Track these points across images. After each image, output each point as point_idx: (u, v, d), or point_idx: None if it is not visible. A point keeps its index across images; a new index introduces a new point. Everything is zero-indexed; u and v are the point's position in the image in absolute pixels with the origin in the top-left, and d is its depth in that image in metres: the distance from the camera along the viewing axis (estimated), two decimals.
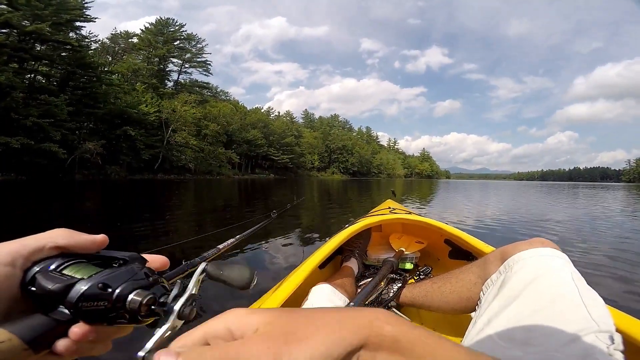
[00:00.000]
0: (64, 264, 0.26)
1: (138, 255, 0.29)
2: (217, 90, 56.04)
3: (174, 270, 0.80)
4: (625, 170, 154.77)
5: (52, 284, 0.23)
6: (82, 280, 0.24)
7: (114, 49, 39.53)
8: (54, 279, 0.24)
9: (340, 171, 77.78)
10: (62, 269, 0.25)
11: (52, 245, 0.26)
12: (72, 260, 0.26)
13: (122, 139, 27.12)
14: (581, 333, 0.43)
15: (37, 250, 0.25)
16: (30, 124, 18.82)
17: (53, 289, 0.23)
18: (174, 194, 10.12)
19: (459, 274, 0.74)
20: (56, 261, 0.26)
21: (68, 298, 0.23)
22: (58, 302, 0.23)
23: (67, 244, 0.27)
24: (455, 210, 6.80)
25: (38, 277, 0.24)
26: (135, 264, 0.27)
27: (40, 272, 0.24)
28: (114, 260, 0.28)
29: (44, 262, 0.25)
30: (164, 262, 0.31)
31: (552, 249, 0.58)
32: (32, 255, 0.25)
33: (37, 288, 0.24)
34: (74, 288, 0.23)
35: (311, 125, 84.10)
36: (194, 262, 0.90)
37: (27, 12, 20.06)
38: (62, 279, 0.24)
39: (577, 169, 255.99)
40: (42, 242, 0.26)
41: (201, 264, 0.28)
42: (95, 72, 25.43)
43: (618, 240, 3.62)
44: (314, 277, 0.98)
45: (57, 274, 0.24)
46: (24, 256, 0.24)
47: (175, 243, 1.93)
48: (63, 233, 0.27)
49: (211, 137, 38.62)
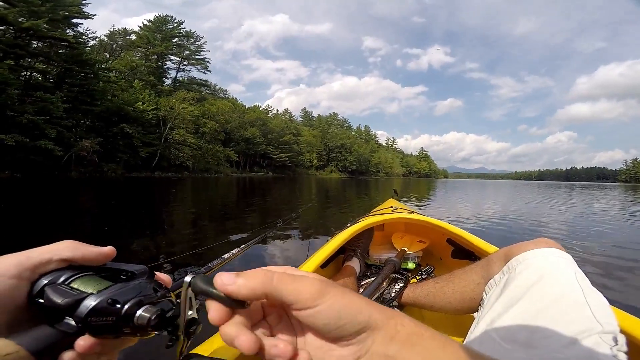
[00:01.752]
0: (73, 276, 0.26)
1: (147, 269, 0.29)
2: (216, 88, 55.86)
3: (178, 282, 0.79)
4: (621, 170, 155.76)
5: (62, 298, 0.23)
6: (91, 295, 0.24)
7: (111, 46, 39.21)
8: (64, 293, 0.24)
9: (339, 170, 77.78)
10: (70, 282, 0.25)
11: (58, 258, 0.26)
12: (81, 273, 0.26)
13: (119, 137, 26.91)
14: (585, 334, 0.42)
15: (43, 263, 0.25)
16: (25, 121, 18.61)
17: (63, 303, 0.23)
18: (170, 192, 10.07)
19: (461, 274, 0.74)
20: (65, 274, 0.26)
21: (77, 312, 0.23)
22: (65, 315, 0.23)
23: (74, 257, 0.27)
24: (455, 210, 6.83)
25: (47, 290, 0.24)
26: (143, 279, 0.27)
27: (49, 285, 0.24)
28: (123, 272, 0.28)
29: (52, 275, 0.25)
30: (169, 280, 0.31)
31: (556, 249, 0.57)
32: (38, 268, 0.25)
33: (45, 301, 0.24)
34: (83, 303, 0.23)
35: (310, 124, 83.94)
36: (198, 272, 0.89)
37: (24, 8, 19.82)
38: (71, 294, 0.24)
39: (574, 169, 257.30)
40: (48, 255, 0.26)
41: (186, 277, 0.26)
42: (93, 69, 25.16)
43: (620, 241, 3.64)
44: None
45: (66, 288, 0.25)
46: (30, 269, 0.25)
47: (179, 255, 1.90)
48: (69, 245, 0.28)
49: (209, 135, 38.43)
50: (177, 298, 0.27)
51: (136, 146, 28.14)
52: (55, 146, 19.86)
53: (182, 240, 3.16)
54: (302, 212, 4.66)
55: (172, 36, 42.64)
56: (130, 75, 34.94)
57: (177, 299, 0.27)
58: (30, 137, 18.85)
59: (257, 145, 48.43)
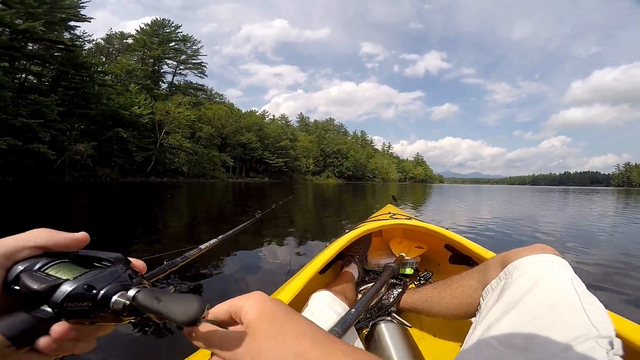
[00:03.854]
0: (48, 263, 0.26)
1: (122, 257, 0.29)
2: (212, 93, 55.88)
3: (154, 270, 0.79)
4: (614, 174, 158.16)
5: (38, 284, 0.23)
6: (67, 281, 0.24)
7: (108, 50, 39.13)
8: (40, 279, 0.24)
9: (335, 175, 77.90)
10: (46, 269, 0.25)
11: (32, 245, 0.26)
12: (56, 260, 0.26)
13: (114, 141, 26.71)
14: (581, 339, 0.42)
15: (17, 250, 0.26)
16: (19, 124, 18.40)
17: (38, 289, 0.23)
18: (165, 197, 9.99)
19: (459, 280, 0.75)
20: (40, 261, 0.26)
21: (53, 298, 0.23)
22: (42, 302, 0.24)
23: (47, 244, 0.27)
24: (451, 215, 6.87)
25: (22, 277, 0.24)
26: (119, 266, 0.28)
27: (24, 272, 0.25)
28: (98, 260, 0.28)
29: (28, 262, 0.25)
30: (143, 266, 0.32)
31: (553, 255, 0.58)
32: (12, 255, 0.25)
33: (21, 287, 0.24)
34: (60, 289, 0.23)
35: (306, 129, 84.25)
36: (175, 262, 0.88)
37: (21, 10, 19.75)
38: (47, 280, 0.24)
39: (567, 174, 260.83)
40: (22, 242, 0.26)
41: (131, 290, 0.25)
42: (88, 72, 25.09)
43: (617, 246, 3.66)
44: (315, 283, 0.98)
45: (42, 274, 0.25)
46: (5, 256, 0.25)
47: (162, 254, 1.89)
48: (42, 233, 0.28)
49: (205, 139, 38.35)
50: (150, 284, 0.28)
51: (131, 150, 27.95)
52: (49, 150, 19.65)
53: (175, 242, 3.13)
54: (297, 215, 4.63)
55: (169, 40, 42.77)
56: (126, 78, 34.85)
57: (151, 285, 0.28)
58: (23, 140, 18.63)
59: (253, 150, 48.39)
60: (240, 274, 2.18)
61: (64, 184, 16.60)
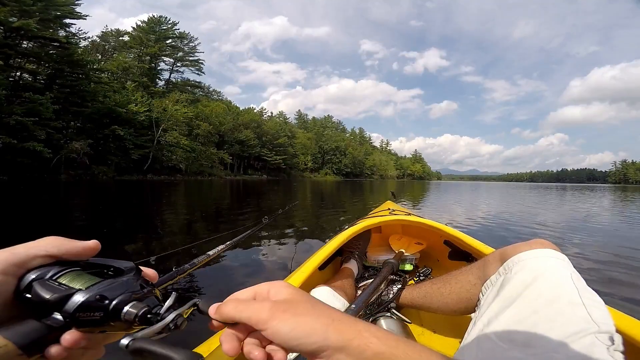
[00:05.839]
0: (60, 272, 0.26)
1: (134, 266, 0.29)
2: (210, 90, 55.55)
3: (163, 277, 0.79)
4: (610, 172, 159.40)
5: (51, 293, 0.24)
6: (80, 291, 0.24)
7: (104, 47, 38.72)
8: (52, 289, 0.24)
9: (333, 172, 77.86)
10: (58, 278, 0.26)
11: (43, 253, 0.26)
12: (68, 268, 0.27)
13: (110, 139, 26.50)
14: (581, 334, 0.42)
15: (29, 259, 0.26)
16: (13, 122, 18.22)
17: (51, 298, 0.23)
18: (163, 195, 9.95)
19: (458, 275, 0.75)
20: (52, 270, 0.26)
21: (65, 307, 0.23)
22: (54, 310, 0.24)
23: (58, 252, 0.27)
24: (450, 211, 6.89)
25: (35, 286, 0.24)
26: (131, 275, 0.28)
27: (37, 281, 0.25)
28: (109, 268, 0.28)
29: (40, 270, 0.26)
30: (154, 275, 0.32)
31: (552, 250, 0.58)
32: (24, 264, 0.25)
33: (33, 296, 0.24)
34: (72, 299, 0.24)
35: (304, 126, 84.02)
36: (183, 268, 0.89)
37: (15, 7, 19.47)
38: (60, 289, 0.24)
39: (564, 171, 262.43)
40: (33, 250, 0.26)
41: (127, 337, 0.24)
42: (84, 70, 24.79)
43: (616, 241, 3.67)
44: (314, 278, 0.98)
45: (54, 283, 0.25)
46: (16, 264, 0.25)
47: (163, 253, 1.88)
48: (54, 241, 0.28)
49: (203, 137, 38.12)
50: (162, 294, 0.29)
51: (128, 148, 27.76)
52: (45, 148, 19.47)
53: (173, 240, 3.12)
54: (296, 213, 4.63)
55: (166, 37, 42.34)
56: (122, 76, 34.56)
57: (162, 293, 0.29)
58: (18, 138, 18.46)
59: (251, 147, 48.22)
60: (240, 272, 2.19)
61: (60, 182, 16.48)
